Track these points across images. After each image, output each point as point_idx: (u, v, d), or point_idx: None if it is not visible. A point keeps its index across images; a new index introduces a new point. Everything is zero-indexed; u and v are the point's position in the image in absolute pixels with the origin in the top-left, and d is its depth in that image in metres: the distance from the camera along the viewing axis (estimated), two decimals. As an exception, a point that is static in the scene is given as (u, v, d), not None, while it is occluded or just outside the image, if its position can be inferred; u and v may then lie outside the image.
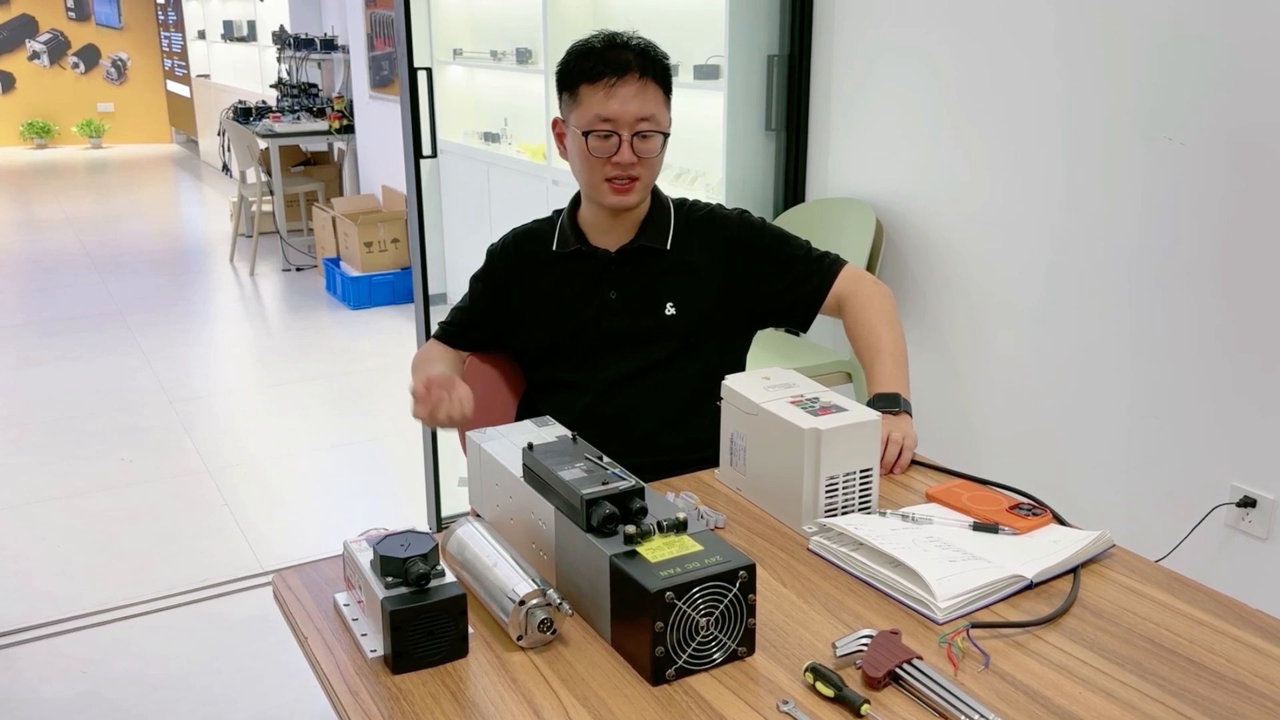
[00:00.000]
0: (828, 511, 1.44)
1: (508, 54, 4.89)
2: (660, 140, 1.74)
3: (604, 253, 1.83)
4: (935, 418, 3.04)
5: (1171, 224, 2.37)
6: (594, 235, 1.85)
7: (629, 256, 1.83)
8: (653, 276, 1.83)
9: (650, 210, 1.85)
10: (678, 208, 1.89)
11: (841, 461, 1.44)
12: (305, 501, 3.50)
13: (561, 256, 1.85)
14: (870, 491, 1.48)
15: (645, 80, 1.72)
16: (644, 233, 1.83)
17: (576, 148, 1.75)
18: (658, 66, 1.74)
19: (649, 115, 1.72)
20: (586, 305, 1.83)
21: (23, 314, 5.62)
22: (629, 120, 1.70)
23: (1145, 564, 1.37)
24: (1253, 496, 2.31)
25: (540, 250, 1.88)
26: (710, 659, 1.13)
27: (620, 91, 1.70)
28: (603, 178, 1.74)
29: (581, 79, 1.73)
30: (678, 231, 1.85)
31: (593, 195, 1.79)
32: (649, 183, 1.78)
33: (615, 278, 1.83)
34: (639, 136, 1.72)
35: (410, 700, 1.08)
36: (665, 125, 1.76)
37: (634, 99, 1.70)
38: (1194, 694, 1.09)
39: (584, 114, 1.73)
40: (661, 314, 1.82)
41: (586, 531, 1.18)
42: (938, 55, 2.84)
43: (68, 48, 12.03)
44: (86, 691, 2.47)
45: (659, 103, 1.74)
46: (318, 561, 1.37)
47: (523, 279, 1.88)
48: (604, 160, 1.72)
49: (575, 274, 1.85)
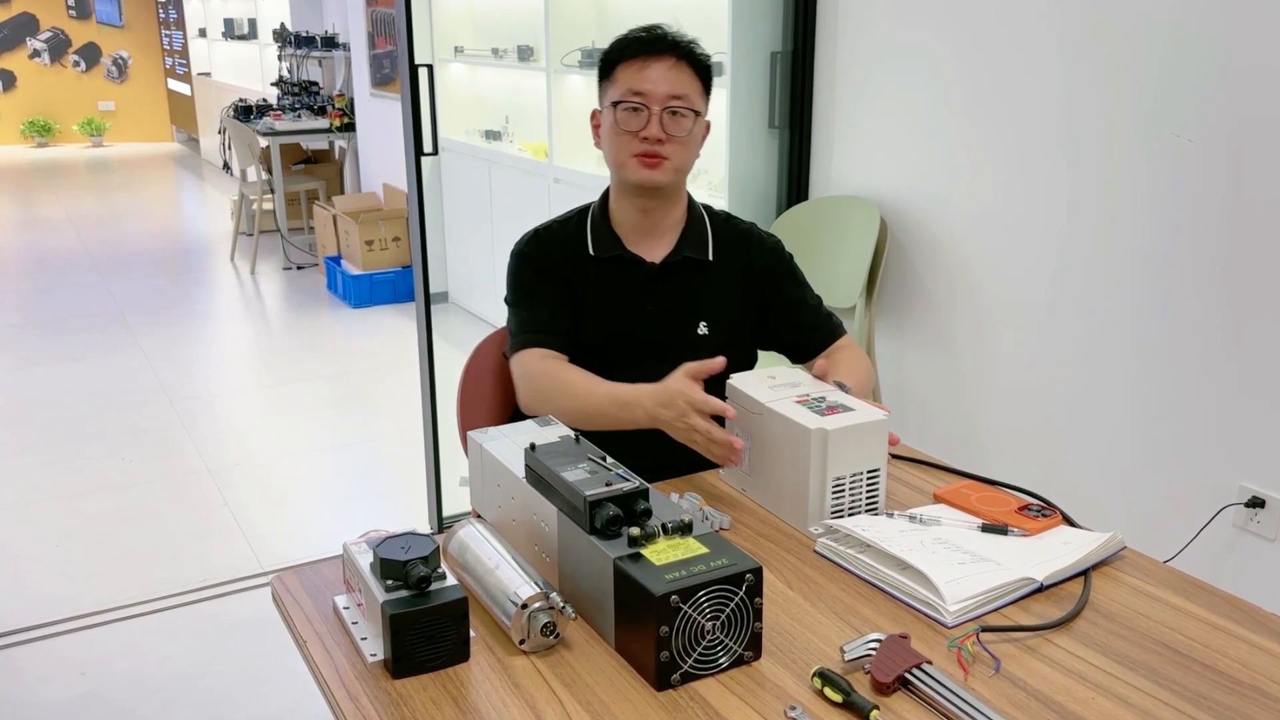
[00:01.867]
0: (834, 513, 1.43)
1: (509, 51, 4.87)
2: (693, 119, 1.71)
3: (650, 266, 1.79)
4: (941, 417, 3.02)
5: (1177, 221, 2.35)
6: (629, 239, 1.80)
7: (671, 270, 1.79)
8: (692, 292, 1.80)
9: (687, 218, 1.82)
10: (712, 215, 1.86)
11: (849, 462, 1.42)
12: (306, 502, 3.48)
13: (601, 261, 1.80)
14: (877, 492, 1.46)
15: (681, 63, 1.71)
16: (686, 242, 1.80)
17: (608, 123, 1.74)
18: (693, 54, 1.73)
19: (681, 93, 1.70)
20: (622, 315, 1.79)
21: (23, 313, 5.61)
22: (660, 95, 1.69)
23: (1157, 566, 1.35)
24: (1261, 497, 2.29)
25: (575, 250, 1.81)
26: (716, 664, 1.11)
27: (654, 67, 1.70)
28: (630, 153, 1.71)
29: (618, 59, 1.73)
30: (717, 242, 1.83)
31: (620, 174, 1.75)
32: (680, 166, 1.74)
33: (655, 290, 1.79)
34: (670, 113, 1.69)
35: (411, 706, 1.07)
36: (698, 106, 1.73)
37: (667, 75, 1.69)
38: (1209, 699, 1.07)
39: (617, 89, 1.72)
40: (694, 333, 1.80)
41: (590, 533, 1.16)
42: (941, 52, 2.82)
43: (68, 46, 12.02)
44: (86, 693, 2.46)
45: (694, 88, 1.72)
46: (317, 563, 1.35)
47: (563, 275, 1.81)
48: (632, 135, 1.70)
49: (614, 281, 1.79)
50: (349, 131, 6.98)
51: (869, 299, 3.04)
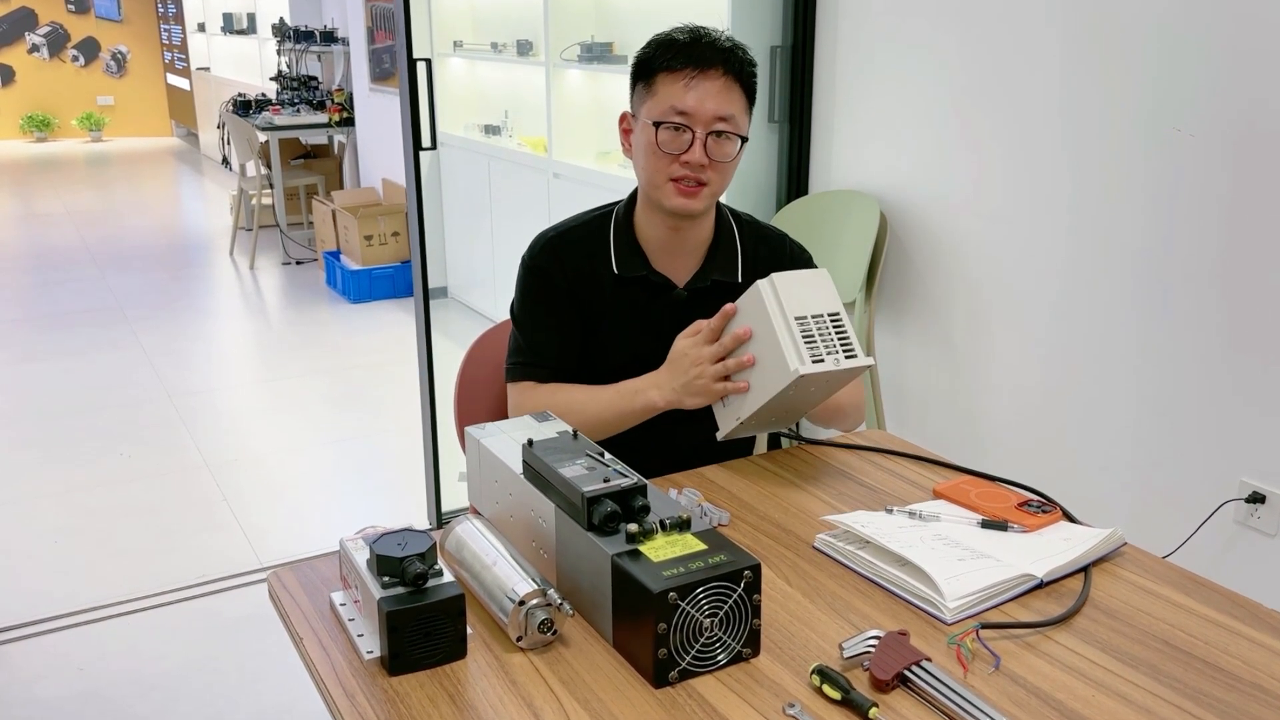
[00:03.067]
0: (814, 359, 1.45)
1: (508, 46, 4.86)
2: (737, 144, 1.62)
3: (678, 292, 1.70)
4: (940, 412, 3.02)
5: (1180, 217, 2.34)
6: (655, 257, 1.70)
7: (700, 295, 1.70)
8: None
9: (716, 234, 1.73)
10: (740, 226, 1.76)
11: (805, 304, 1.48)
12: (305, 497, 3.48)
13: (624, 280, 1.70)
14: (847, 335, 1.50)
15: (730, 80, 1.59)
16: (713, 263, 1.71)
17: (644, 140, 1.62)
18: (745, 70, 1.62)
19: (729, 115, 1.59)
20: (645, 338, 1.70)
21: (22, 309, 5.60)
22: (706, 117, 1.57)
23: (1157, 563, 1.34)
24: (1262, 492, 2.29)
25: (596, 264, 1.71)
26: (714, 661, 1.10)
27: (702, 85, 1.58)
28: (668, 177, 1.60)
29: (661, 68, 1.60)
30: (746, 257, 1.74)
31: (653, 195, 1.64)
32: (717, 191, 1.65)
33: (682, 317, 1.66)
34: (715, 136, 1.59)
35: (407, 703, 1.06)
36: (744, 129, 1.62)
37: (715, 95, 1.58)
38: (1210, 697, 1.07)
39: (658, 104, 1.59)
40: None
41: (588, 530, 1.15)
42: (942, 46, 2.81)
43: (67, 41, 12.00)
44: (84, 690, 2.45)
45: (741, 107, 1.62)
46: (314, 560, 1.34)
47: (580, 293, 1.71)
48: (673, 157, 1.59)
49: (639, 303, 1.71)
50: (348, 126, 6.97)
51: (869, 294, 3.03)
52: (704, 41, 1.61)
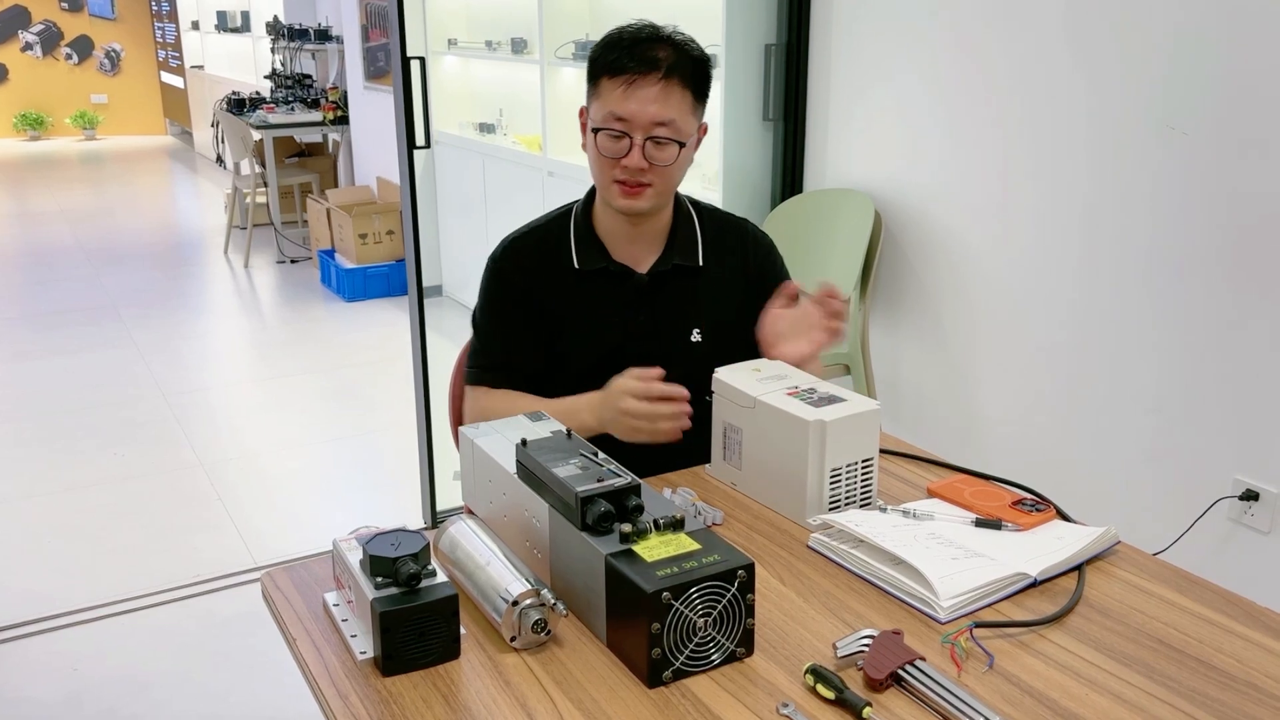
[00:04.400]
0: (832, 504, 1.42)
1: (503, 44, 4.85)
2: (676, 149, 1.62)
3: (639, 278, 1.72)
4: (935, 411, 3.02)
5: (1173, 215, 2.34)
6: (617, 249, 1.73)
7: (661, 280, 1.73)
8: (685, 300, 1.74)
9: (675, 221, 1.75)
10: (701, 214, 1.79)
11: (845, 453, 1.41)
12: (300, 496, 3.47)
13: (585, 274, 1.72)
14: (871, 481, 1.45)
15: (671, 81, 1.59)
16: (673, 249, 1.73)
17: (590, 143, 1.65)
18: (690, 66, 1.61)
19: (667, 120, 1.59)
20: (612, 330, 1.72)
21: (16, 307, 5.58)
22: (644, 123, 1.59)
23: (1151, 561, 1.34)
24: (1255, 490, 2.29)
25: (558, 263, 1.73)
26: (708, 660, 1.10)
27: (640, 92, 1.58)
28: (611, 179, 1.64)
29: (603, 70, 1.61)
30: (707, 245, 1.76)
31: (604, 195, 1.68)
32: (665, 191, 1.67)
33: (647, 302, 1.72)
34: (653, 142, 1.60)
35: (401, 704, 1.06)
36: (685, 133, 1.62)
37: (653, 101, 1.58)
38: (1203, 695, 1.07)
39: (599, 109, 1.62)
40: (688, 341, 1.74)
41: (581, 530, 1.15)
42: (936, 44, 2.81)
43: (61, 39, 11.96)
44: (78, 690, 2.45)
45: (684, 109, 1.61)
46: (307, 560, 1.34)
47: (542, 293, 1.72)
48: (614, 161, 1.62)
49: (602, 295, 1.72)
50: (342, 125, 6.96)
51: (863, 292, 3.03)
52: (647, 41, 1.60)
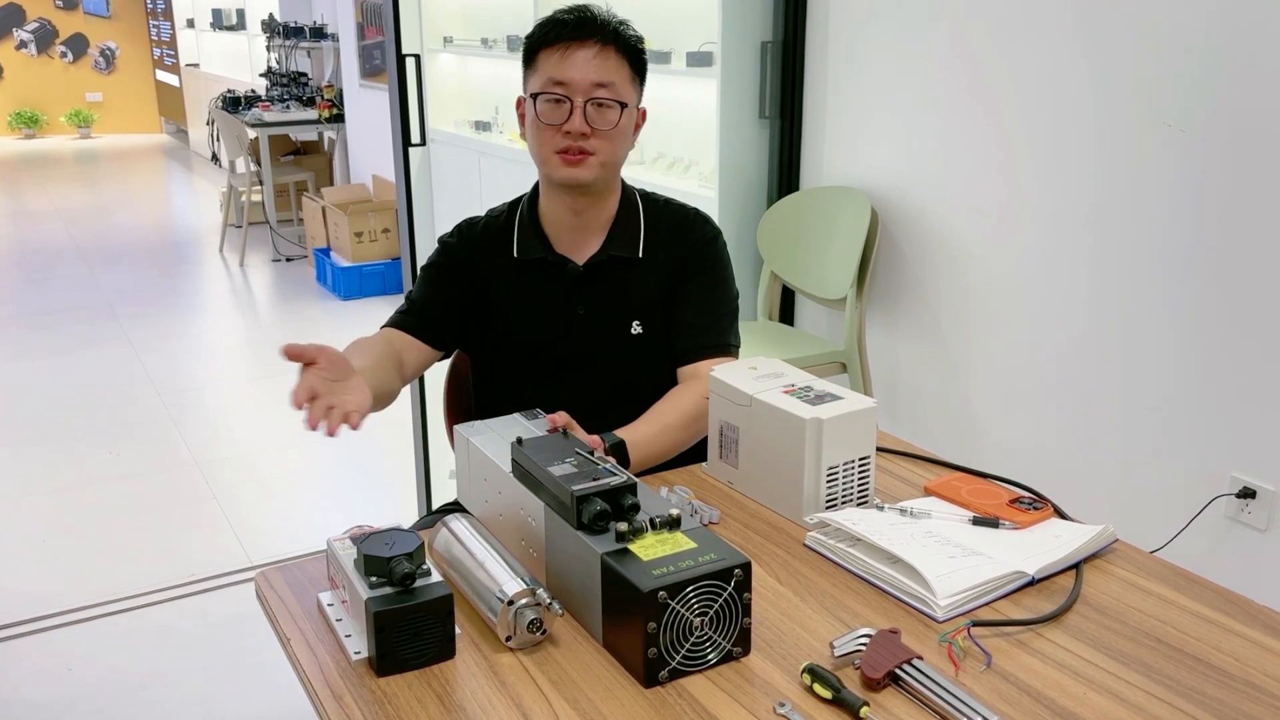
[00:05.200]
0: (829, 502, 1.41)
1: (499, 42, 4.84)
2: (619, 111, 1.60)
3: (573, 267, 1.70)
4: (932, 409, 3.02)
5: (1169, 212, 2.34)
6: (559, 239, 1.72)
7: (598, 271, 1.71)
8: (623, 291, 1.72)
9: (619, 212, 1.73)
10: (648, 206, 1.76)
11: (841, 451, 1.41)
12: (296, 495, 3.46)
13: (523, 264, 1.72)
14: (868, 478, 1.45)
15: (607, 48, 1.60)
16: (613, 240, 1.71)
17: (530, 117, 1.63)
18: (619, 36, 1.62)
19: (607, 82, 1.59)
20: (550, 321, 1.72)
21: (10, 306, 5.57)
22: (584, 85, 1.58)
23: (1149, 559, 1.34)
24: (1252, 487, 2.29)
25: (498, 252, 1.73)
26: (704, 660, 1.10)
27: (577, 54, 1.58)
28: (553, 149, 1.61)
29: (539, 45, 1.62)
30: (649, 235, 1.73)
31: (544, 170, 1.66)
32: (609, 161, 1.64)
33: (583, 293, 1.71)
34: (594, 104, 1.59)
35: (395, 704, 1.05)
36: (625, 96, 1.61)
37: (590, 63, 1.58)
38: (1201, 694, 1.06)
39: (538, 78, 1.61)
40: (628, 333, 1.72)
41: (577, 529, 1.15)
42: (933, 41, 2.80)
43: (55, 37, 11.93)
44: (72, 690, 2.44)
45: (622, 75, 1.61)
46: (301, 560, 1.34)
47: (484, 279, 1.73)
48: (555, 128, 1.60)
49: (539, 286, 1.72)
50: (338, 123, 6.95)
51: (860, 290, 3.02)
52: (579, 15, 1.62)
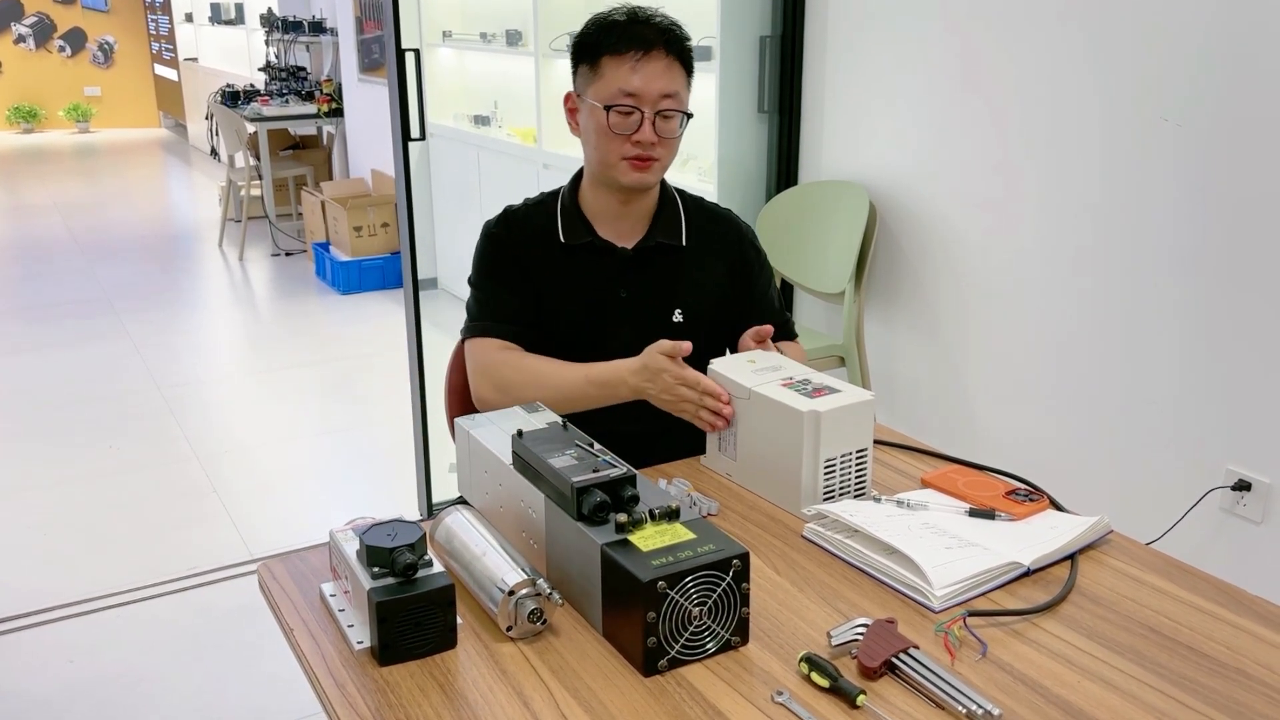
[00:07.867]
0: (826, 494, 1.42)
1: (498, 36, 4.84)
2: (681, 120, 1.70)
3: (622, 250, 1.76)
4: (929, 402, 3.03)
5: (1167, 206, 2.35)
6: (603, 226, 1.77)
7: (645, 256, 1.77)
8: (667, 279, 1.78)
9: (659, 202, 1.80)
10: (684, 198, 1.84)
11: (839, 443, 1.42)
12: (295, 488, 3.47)
13: (571, 248, 1.76)
14: (865, 471, 1.46)
15: (671, 59, 1.68)
16: (658, 228, 1.78)
17: (595, 123, 1.69)
18: (682, 47, 1.70)
19: (673, 93, 1.67)
20: (594, 304, 1.76)
21: (9, 301, 5.57)
22: (653, 97, 1.66)
23: (1143, 550, 1.35)
24: (1247, 480, 2.30)
25: (546, 237, 1.78)
26: (703, 649, 1.11)
27: (646, 67, 1.65)
28: (620, 155, 1.68)
29: (606, 51, 1.68)
30: (691, 226, 1.81)
31: (607, 174, 1.72)
32: (667, 165, 1.73)
33: (628, 278, 1.76)
34: (661, 115, 1.67)
35: (397, 693, 1.06)
36: (687, 104, 1.71)
37: (660, 76, 1.66)
38: (1194, 682, 1.07)
39: (606, 87, 1.67)
40: (669, 322, 1.77)
41: (577, 520, 1.16)
42: (932, 35, 2.81)
43: (54, 31, 11.92)
44: (73, 683, 2.45)
45: (683, 83, 1.70)
46: (304, 551, 1.34)
47: (530, 263, 1.77)
48: (624, 138, 1.67)
49: (585, 269, 1.76)
50: (337, 117, 6.95)
51: (858, 284, 3.03)
52: (643, 22, 1.68)
